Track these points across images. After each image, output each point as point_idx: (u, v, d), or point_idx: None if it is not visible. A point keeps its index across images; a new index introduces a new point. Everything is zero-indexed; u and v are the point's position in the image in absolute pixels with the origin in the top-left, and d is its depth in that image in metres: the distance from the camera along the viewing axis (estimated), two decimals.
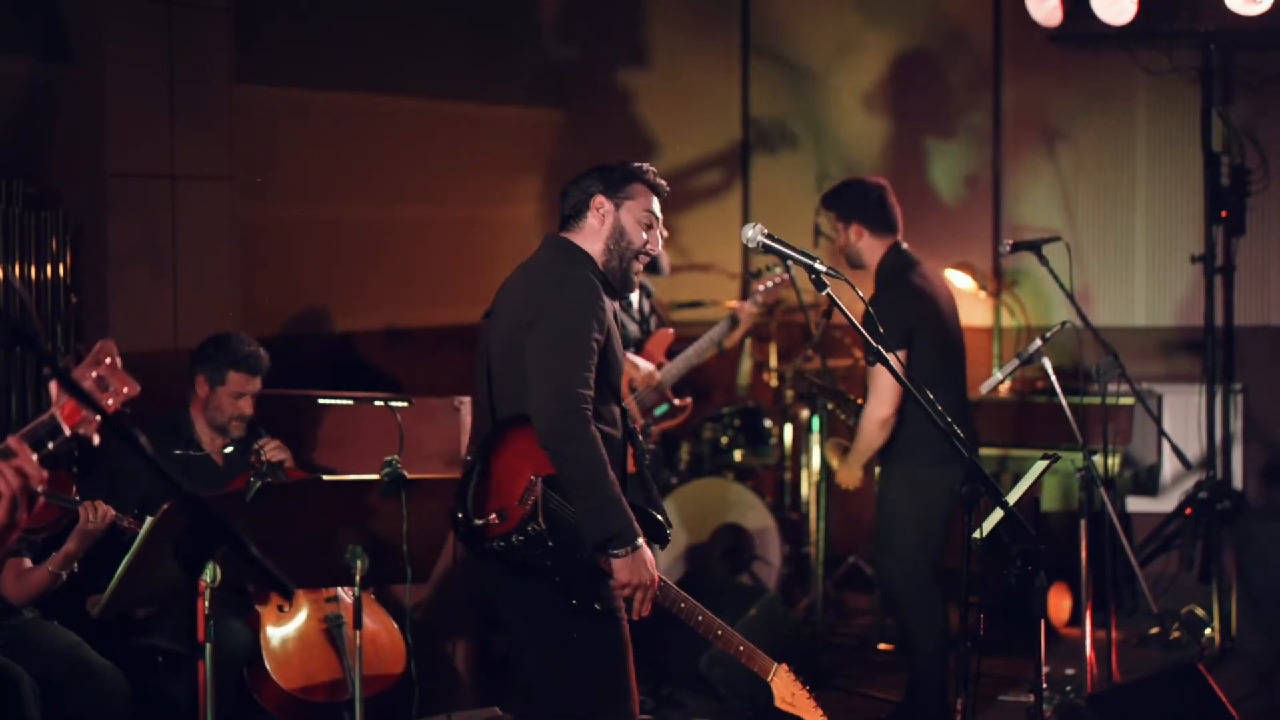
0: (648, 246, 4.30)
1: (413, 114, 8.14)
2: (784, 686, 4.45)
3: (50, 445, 3.11)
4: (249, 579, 4.67)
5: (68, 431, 3.11)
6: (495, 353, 4.21)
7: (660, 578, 4.12)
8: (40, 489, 2.94)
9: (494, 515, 4.02)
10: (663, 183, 4.37)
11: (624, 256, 4.28)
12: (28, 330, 2.85)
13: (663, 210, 4.37)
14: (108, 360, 3.26)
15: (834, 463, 6.34)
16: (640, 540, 4.05)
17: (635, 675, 4.22)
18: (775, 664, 4.43)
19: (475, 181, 8.60)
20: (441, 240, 8.36)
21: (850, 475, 6.13)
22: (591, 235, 4.28)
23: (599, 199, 4.29)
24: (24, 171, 5.90)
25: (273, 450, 5.48)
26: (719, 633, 4.34)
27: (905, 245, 5.99)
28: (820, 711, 4.46)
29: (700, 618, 4.30)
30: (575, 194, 4.33)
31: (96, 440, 3.12)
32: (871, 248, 5.97)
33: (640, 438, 4.39)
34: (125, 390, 3.27)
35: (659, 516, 4.24)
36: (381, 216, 8.03)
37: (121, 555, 4.22)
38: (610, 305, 4.21)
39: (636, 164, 4.36)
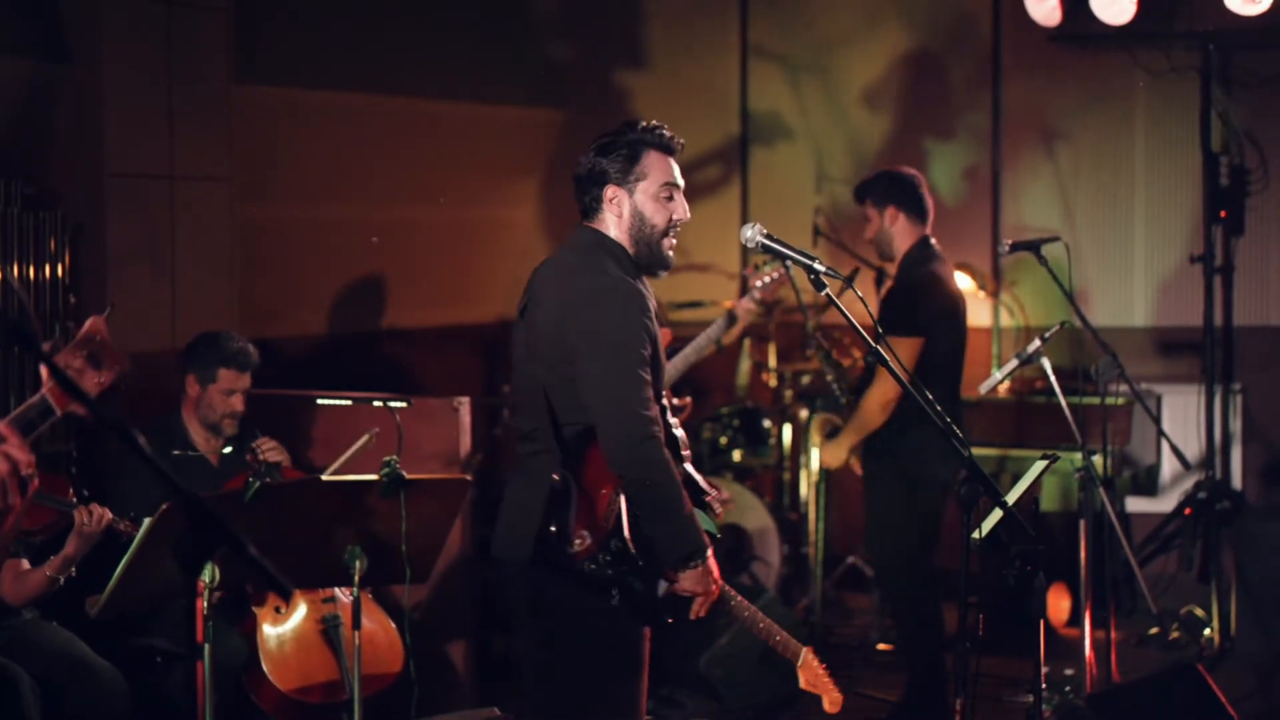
0: (674, 219, 4.08)
1: (413, 114, 8.14)
2: (809, 670, 4.47)
3: (42, 426, 3.11)
4: (247, 579, 4.66)
5: (59, 412, 3.11)
6: (543, 356, 4.02)
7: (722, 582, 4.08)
8: (30, 473, 2.92)
9: (582, 535, 3.92)
10: (671, 136, 4.10)
11: (651, 242, 4.07)
12: (26, 330, 2.85)
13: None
14: (99, 337, 3.25)
15: (815, 438, 6.32)
16: (709, 551, 4.00)
17: None
18: (802, 648, 4.45)
19: (475, 181, 8.60)
20: (441, 240, 8.36)
21: (836, 454, 6.12)
22: (613, 227, 4.07)
23: (609, 190, 4.07)
24: (23, 172, 5.89)
25: (270, 451, 5.47)
26: (761, 625, 4.38)
27: (934, 241, 6.03)
28: (838, 691, 4.53)
29: (747, 613, 4.32)
30: (586, 185, 4.11)
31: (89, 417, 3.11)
32: (904, 234, 6.00)
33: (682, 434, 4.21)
34: (117, 367, 3.26)
35: (707, 514, 4.19)
36: (381, 216, 8.03)
37: (121, 556, 4.22)
38: (652, 303, 4.04)
39: (640, 127, 4.09)
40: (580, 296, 3.97)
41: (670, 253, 4.11)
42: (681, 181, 4.11)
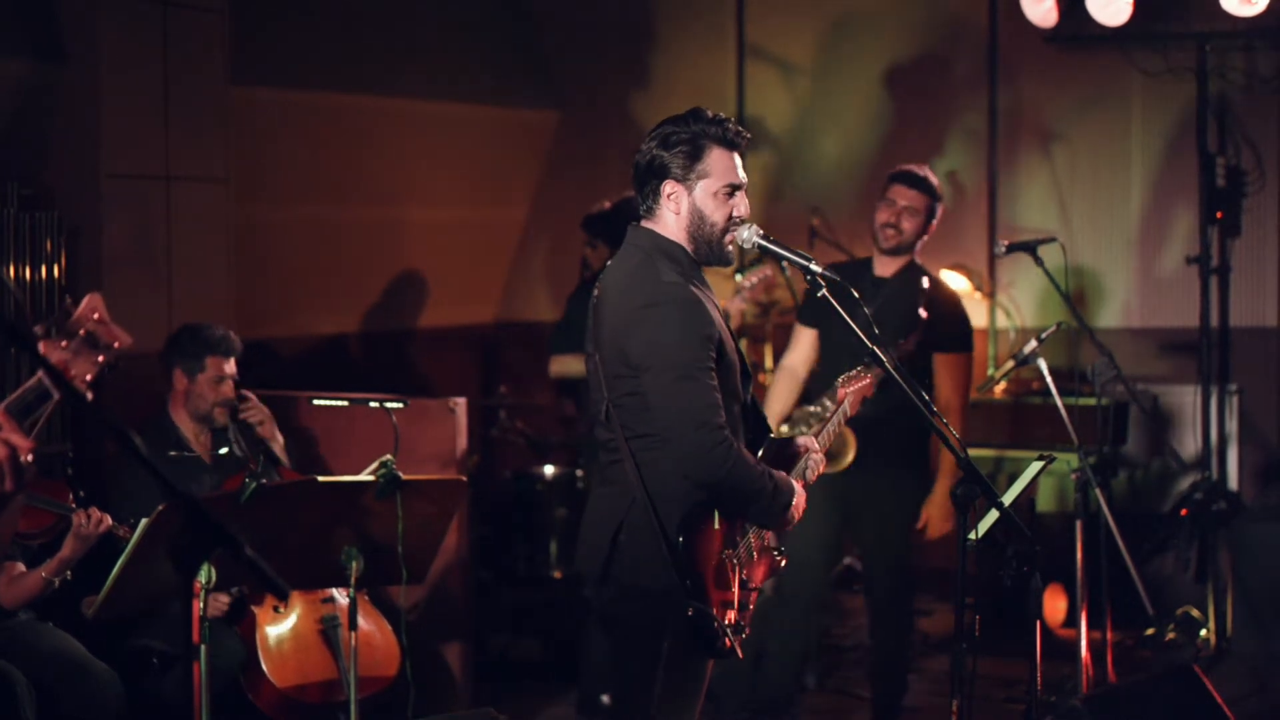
0: (735, 214, 3.95)
1: (410, 115, 8.14)
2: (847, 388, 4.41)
3: (41, 409, 3.09)
4: (244, 580, 4.66)
5: (57, 395, 3.10)
6: (608, 371, 3.95)
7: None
8: (29, 460, 2.91)
9: (729, 615, 3.92)
10: (737, 130, 3.96)
11: (711, 240, 3.95)
12: (23, 331, 2.84)
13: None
14: (96, 315, 3.24)
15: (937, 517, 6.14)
16: (796, 486, 4.00)
17: None
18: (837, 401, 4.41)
19: (473, 181, 8.60)
20: (439, 240, 8.36)
21: (946, 517, 5.91)
22: (671, 226, 3.96)
23: (668, 185, 3.93)
24: (19, 173, 5.89)
25: (250, 410, 5.46)
26: (832, 428, 4.32)
27: None
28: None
29: (829, 428, 4.28)
30: (644, 177, 3.97)
31: (90, 396, 3.10)
32: (911, 250, 5.97)
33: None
34: (117, 345, 3.24)
35: None
36: (379, 217, 8.02)
37: (118, 557, 4.22)
38: (714, 304, 3.95)
39: (705, 120, 3.93)
40: (638, 312, 3.88)
41: (731, 248, 3.99)
42: (745, 178, 4.00)
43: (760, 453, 4.05)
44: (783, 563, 4.09)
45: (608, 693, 4.12)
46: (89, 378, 3.21)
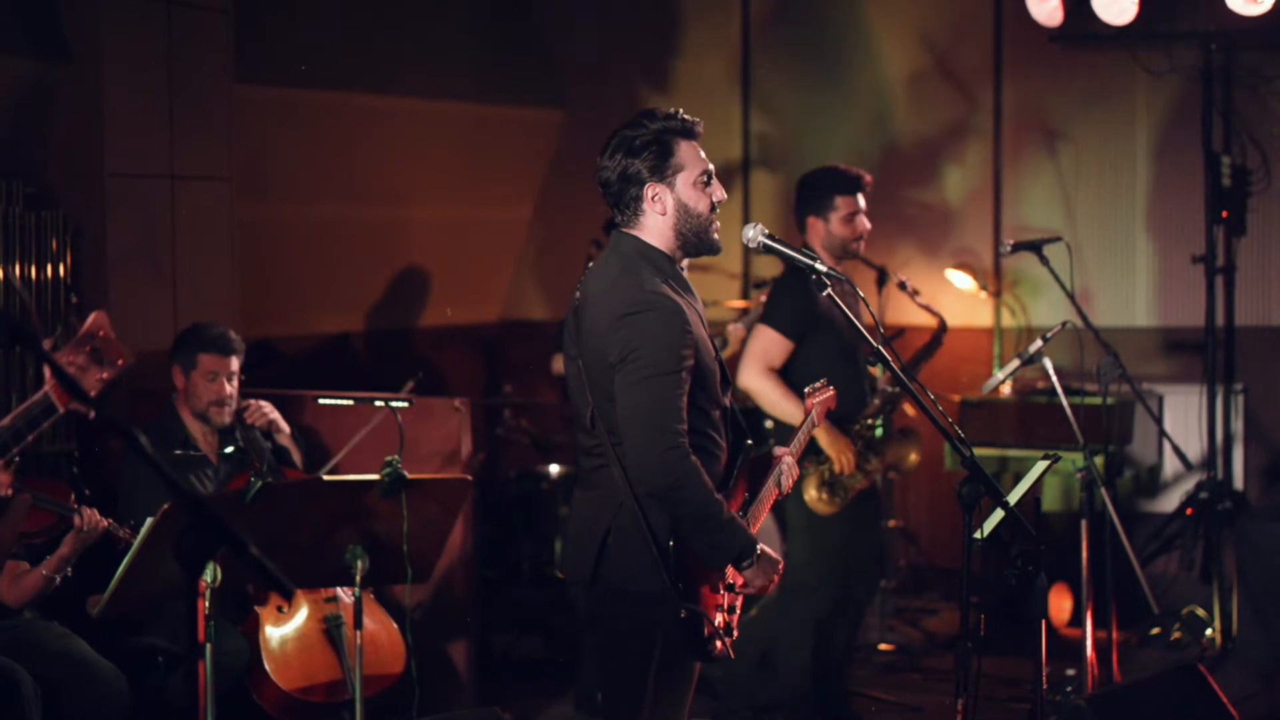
0: (715, 199, 3.98)
1: (412, 114, 8.14)
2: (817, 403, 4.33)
3: (45, 423, 3.11)
4: (249, 579, 4.66)
5: (62, 409, 3.11)
6: (592, 378, 3.93)
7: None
8: (7, 494, 2.93)
9: (720, 634, 3.94)
10: (694, 120, 3.98)
11: (697, 229, 3.97)
12: (28, 330, 2.84)
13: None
14: (101, 333, 3.26)
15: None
16: (759, 545, 3.95)
17: None
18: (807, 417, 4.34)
19: (475, 181, 8.60)
20: (441, 240, 8.36)
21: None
22: (657, 227, 3.97)
23: (650, 187, 3.94)
24: (24, 172, 5.90)
25: (254, 413, 5.46)
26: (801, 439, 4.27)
27: None
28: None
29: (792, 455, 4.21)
30: (620, 188, 3.96)
31: (92, 415, 3.12)
32: None
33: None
34: (120, 362, 3.26)
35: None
36: (381, 216, 8.03)
37: (123, 556, 4.22)
38: (696, 312, 3.95)
39: (660, 117, 3.96)
40: (619, 319, 3.87)
41: (717, 236, 4.02)
42: (711, 165, 4.02)
43: (739, 460, 4.05)
44: (780, 565, 4.05)
45: (602, 691, 4.12)
46: (94, 393, 3.23)
